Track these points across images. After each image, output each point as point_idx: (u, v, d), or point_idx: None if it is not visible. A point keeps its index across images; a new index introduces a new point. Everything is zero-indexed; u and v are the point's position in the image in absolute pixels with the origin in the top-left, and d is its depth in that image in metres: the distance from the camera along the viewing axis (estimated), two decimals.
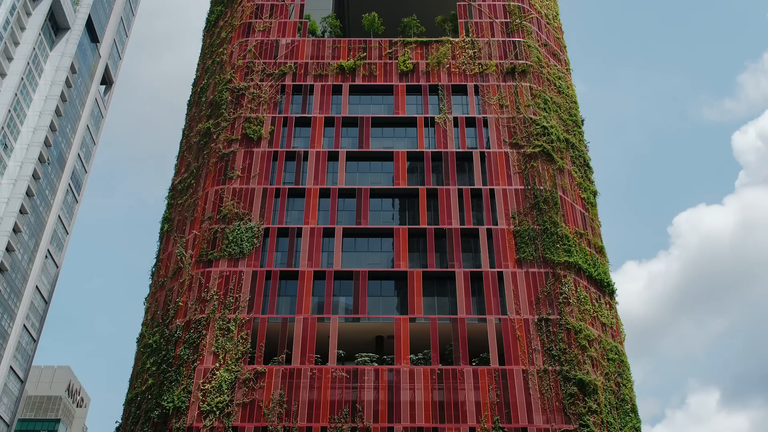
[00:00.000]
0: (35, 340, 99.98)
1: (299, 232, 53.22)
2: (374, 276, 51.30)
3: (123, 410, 51.24)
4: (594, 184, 61.19)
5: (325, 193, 55.45)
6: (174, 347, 48.46)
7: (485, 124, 59.54)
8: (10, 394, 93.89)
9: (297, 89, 61.78)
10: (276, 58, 63.74)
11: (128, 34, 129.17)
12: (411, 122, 60.06)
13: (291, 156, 57.65)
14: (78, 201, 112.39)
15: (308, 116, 59.91)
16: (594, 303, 51.88)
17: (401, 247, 52.36)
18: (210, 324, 48.34)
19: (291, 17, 67.19)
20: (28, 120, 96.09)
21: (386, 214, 55.74)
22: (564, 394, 45.78)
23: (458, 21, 67.18)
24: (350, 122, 60.01)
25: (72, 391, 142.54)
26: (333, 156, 57.68)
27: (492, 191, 55.33)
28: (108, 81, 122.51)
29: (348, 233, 53.60)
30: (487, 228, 53.22)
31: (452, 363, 47.59)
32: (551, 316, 48.94)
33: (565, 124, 61.90)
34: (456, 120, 59.69)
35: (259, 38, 65.34)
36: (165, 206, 61.77)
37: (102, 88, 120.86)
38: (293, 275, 51.03)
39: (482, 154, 57.45)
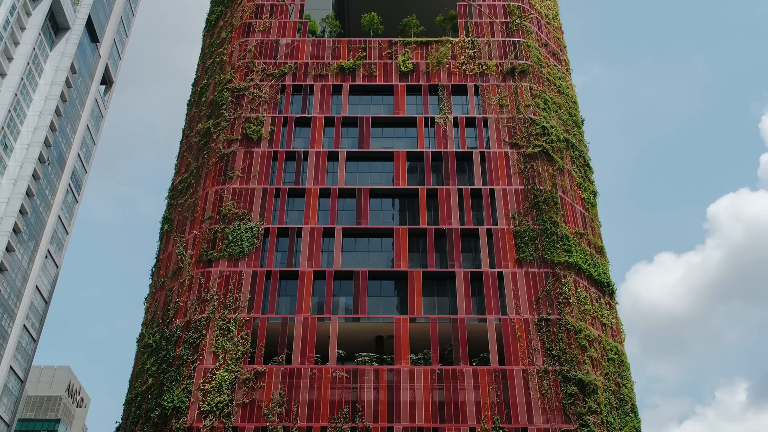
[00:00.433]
0: (35, 340, 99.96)
1: (299, 232, 53.22)
2: (374, 276, 51.30)
3: (123, 410, 51.25)
4: (594, 184, 61.20)
5: (325, 193, 55.44)
6: (174, 347, 48.46)
7: (485, 124, 59.53)
8: (10, 394, 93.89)
9: (297, 89, 61.78)
10: (276, 58, 63.73)
11: (128, 34, 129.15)
12: (411, 122, 60.05)
13: (291, 156, 57.64)
14: (78, 201, 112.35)
15: (308, 116, 59.90)
16: (594, 303, 51.89)
17: (401, 247, 52.35)
18: (210, 324, 48.33)
19: (291, 17, 67.18)
20: (28, 120, 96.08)
21: (386, 214, 55.73)
22: (564, 394, 45.78)
23: (458, 21, 67.18)
24: (350, 122, 60.00)
25: (72, 391, 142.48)
26: (333, 156, 57.67)
27: (492, 191, 55.32)
28: (108, 81, 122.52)
29: (348, 233, 53.59)
30: (487, 228, 53.22)
31: (452, 363, 47.58)
32: (551, 316, 48.93)
33: (565, 124, 61.88)
34: (456, 120, 59.67)
35: (259, 38, 65.32)
36: (165, 206, 61.79)
37: (102, 88, 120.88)
38: (293, 275, 51.03)
39: (482, 154, 57.44)
